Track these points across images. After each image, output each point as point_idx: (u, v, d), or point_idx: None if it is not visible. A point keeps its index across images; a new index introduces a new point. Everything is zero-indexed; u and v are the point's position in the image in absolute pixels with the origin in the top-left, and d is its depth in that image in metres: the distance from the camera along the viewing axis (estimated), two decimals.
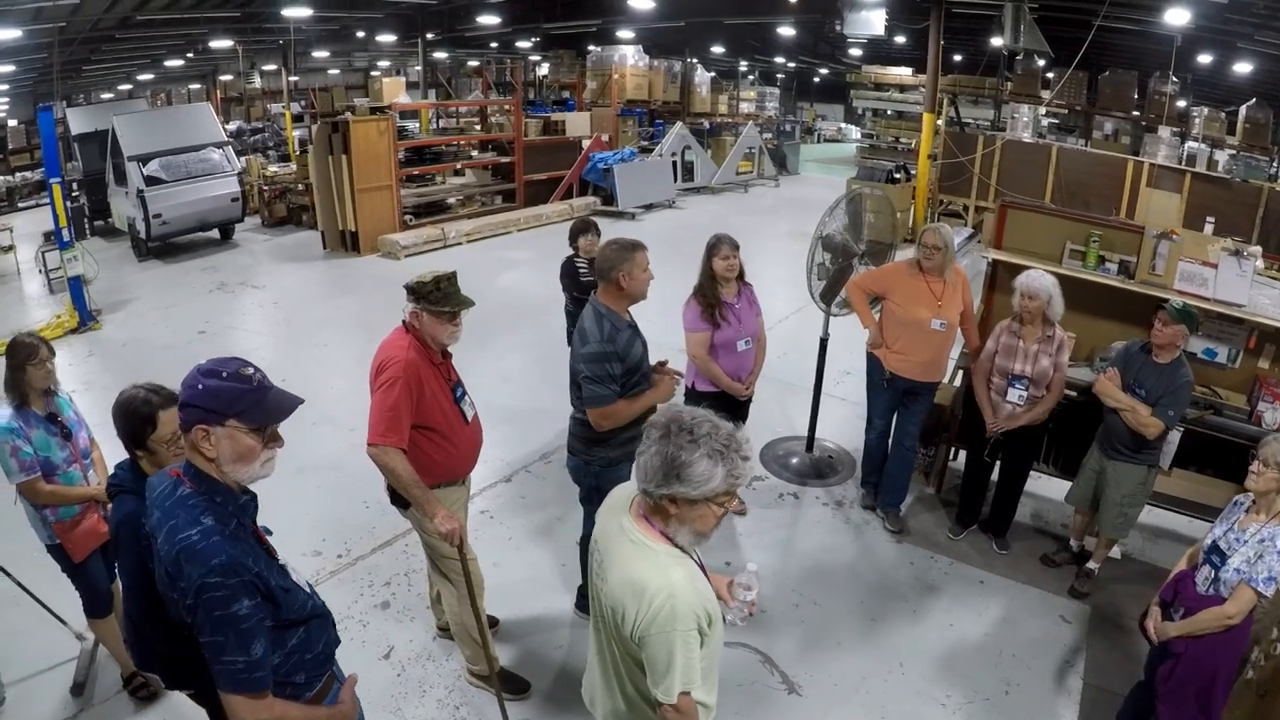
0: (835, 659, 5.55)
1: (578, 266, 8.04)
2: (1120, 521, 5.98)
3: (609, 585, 2.77)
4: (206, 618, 2.58)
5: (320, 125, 18.12)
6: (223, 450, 2.71)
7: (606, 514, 2.98)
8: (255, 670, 2.65)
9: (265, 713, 2.71)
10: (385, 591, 6.28)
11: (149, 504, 2.85)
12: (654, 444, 2.62)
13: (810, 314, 9.87)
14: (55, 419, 4.86)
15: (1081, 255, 6.88)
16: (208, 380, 2.70)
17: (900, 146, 32.35)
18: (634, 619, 2.64)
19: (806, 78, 53.20)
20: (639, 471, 2.68)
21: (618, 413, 4.82)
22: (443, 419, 4.59)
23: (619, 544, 2.80)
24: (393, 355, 4.47)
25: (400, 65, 44.77)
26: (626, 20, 27.33)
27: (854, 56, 36.81)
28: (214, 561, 2.59)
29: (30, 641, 5.72)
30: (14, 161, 33.71)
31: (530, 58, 39.83)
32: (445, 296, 4.47)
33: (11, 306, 15.06)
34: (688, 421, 2.61)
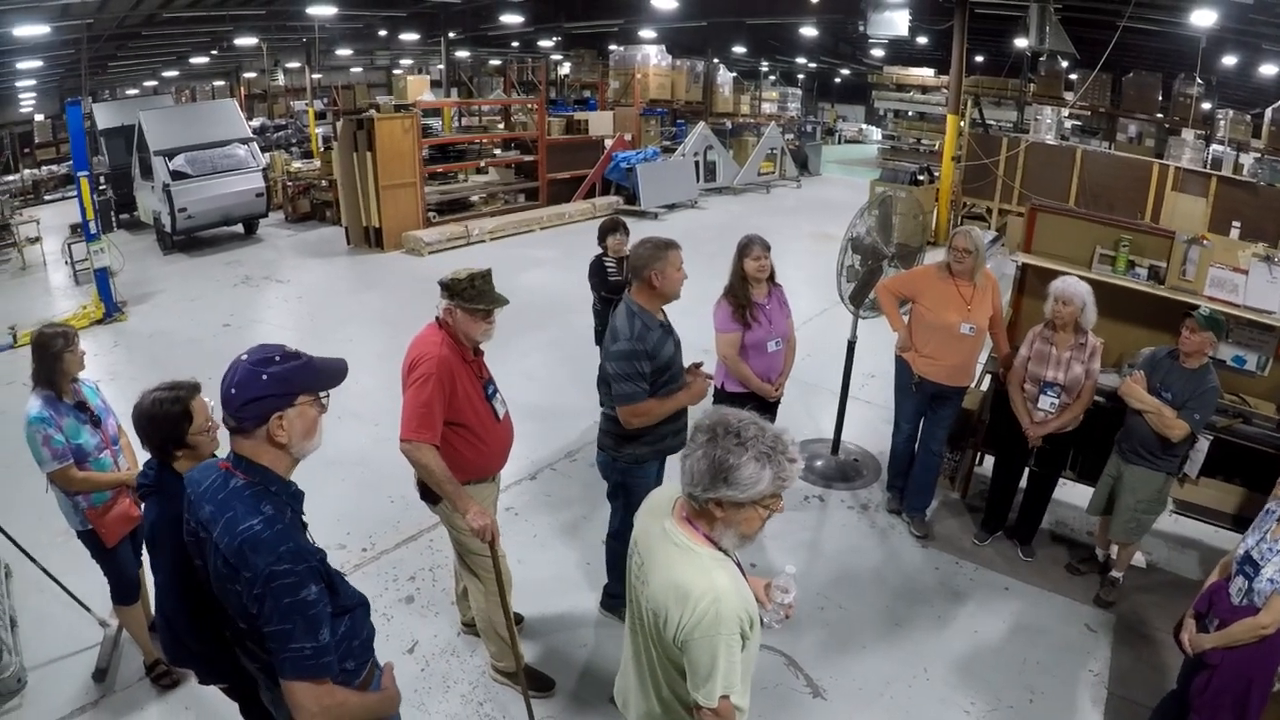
0: (860, 663, 5.54)
1: (606, 266, 8.05)
2: (1132, 527, 5.92)
3: (651, 588, 2.77)
4: (275, 606, 2.59)
5: (345, 122, 18.17)
6: (294, 429, 2.76)
7: (647, 516, 2.97)
8: (322, 656, 2.67)
9: (328, 698, 2.72)
10: (410, 586, 6.31)
11: (195, 498, 2.84)
12: (700, 447, 2.61)
13: (835, 316, 9.86)
14: (84, 407, 4.92)
15: (1111, 260, 6.81)
16: (269, 369, 2.72)
17: (922, 148, 32.28)
18: (678, 623, 2.63)
19: (828, 78, 53.08)
20: (685, 475, 2.66)
21: (647, 411, 4.82)
22: (474, 416, 4.59)
23: (662, 547, 2.78)
24: (425, 352, 4.47)
25: (422, 64, 44.89)
26: (648, 20, 27.33)
27: (876, 57, 36.70)
28: (281, 549, 2.61)
29: (53, 627, 5.78)
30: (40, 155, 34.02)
31: (552, 57, 39.85)
32: (479, 294, 4.47)
33: (38, 297, 15.21)
34: (734, 424, 2.60)
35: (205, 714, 4.94)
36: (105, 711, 5.15)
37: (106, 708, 5.17)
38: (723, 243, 6.38)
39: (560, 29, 31.51)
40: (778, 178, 26.81)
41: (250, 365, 2.73)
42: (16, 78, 30.15)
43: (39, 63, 26.50)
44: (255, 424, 2.72)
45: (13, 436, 4.93)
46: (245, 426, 2.73)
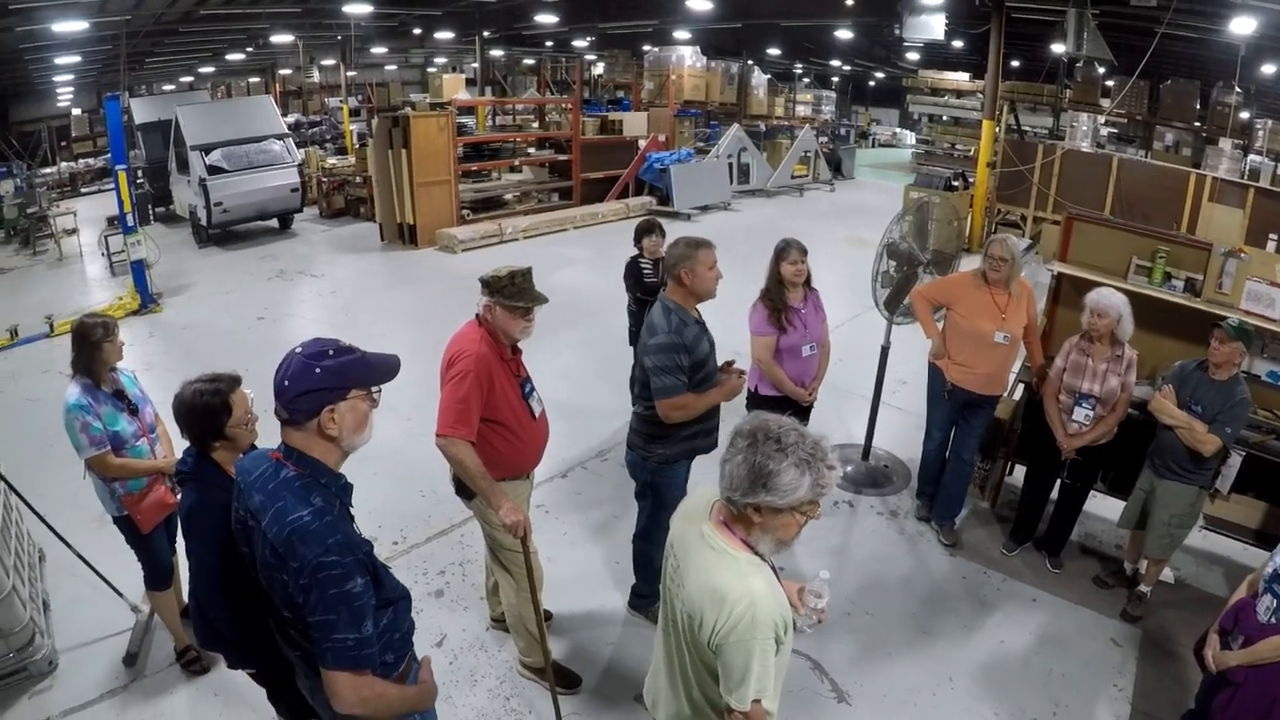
0: (885, 670, 5.54)
1: (642, 267, 8.07)
2: (1166, 542, 5.87)
3: (687, 591, 2.78)
4: (321, 597, 2.63)
5: (381, 119, 18.31)
6: (346, 423, 2.80)
7: (684, 520, 2.99)
8: (365, 648, 2.72)
9: (367, 690, 2.76)
10: (439, 580, 6.37)
11: (245, 487, 2.89)
12: (740, 452, 2.61)
13: (866, 321, 9.83)
14: (122, 395, 4.99)
15: (1147, 271, 6.77)
16: (323, 362, 2.77)
17: (956, 153, 32.09)
18: (713, 626, 2.64)
19: (862, 81, 52.81)
20: (724, 479, 2.66)
21: (686, 404, 4.84)
22: (511, 414, 4.62)
23: (699, 550, 2.79)
24: (464, 349, 4.49)
25: (457, 62, 45.01)
26: (683, 21, 27.35)
27: (911, 61, 36.61)
28: (329, 540, 2.65)
29: (86, 611, 5.87)
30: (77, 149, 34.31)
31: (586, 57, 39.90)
32: (519, 292, 4.49)
33: (74, 288, 15.40)
34: (774, 430, 2.60)
35: (233, 700, 5.00)
36: (135, 695, 5.24)
37: (136, 691, 5.26)
38: (755, 245, 6.38)
39: (594, 29, 31.57)
40: (811, 181, 26.69)
41: (304, 358, 2.77)
42: (54, 73, 30.46)
43: (77, 58, 26.73)
44: (307, 416, 2.76)
45: (49, 424, 5.01)
46: (297, 419, 2.77)
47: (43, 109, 36.42)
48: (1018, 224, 18.61)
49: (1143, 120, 25.29)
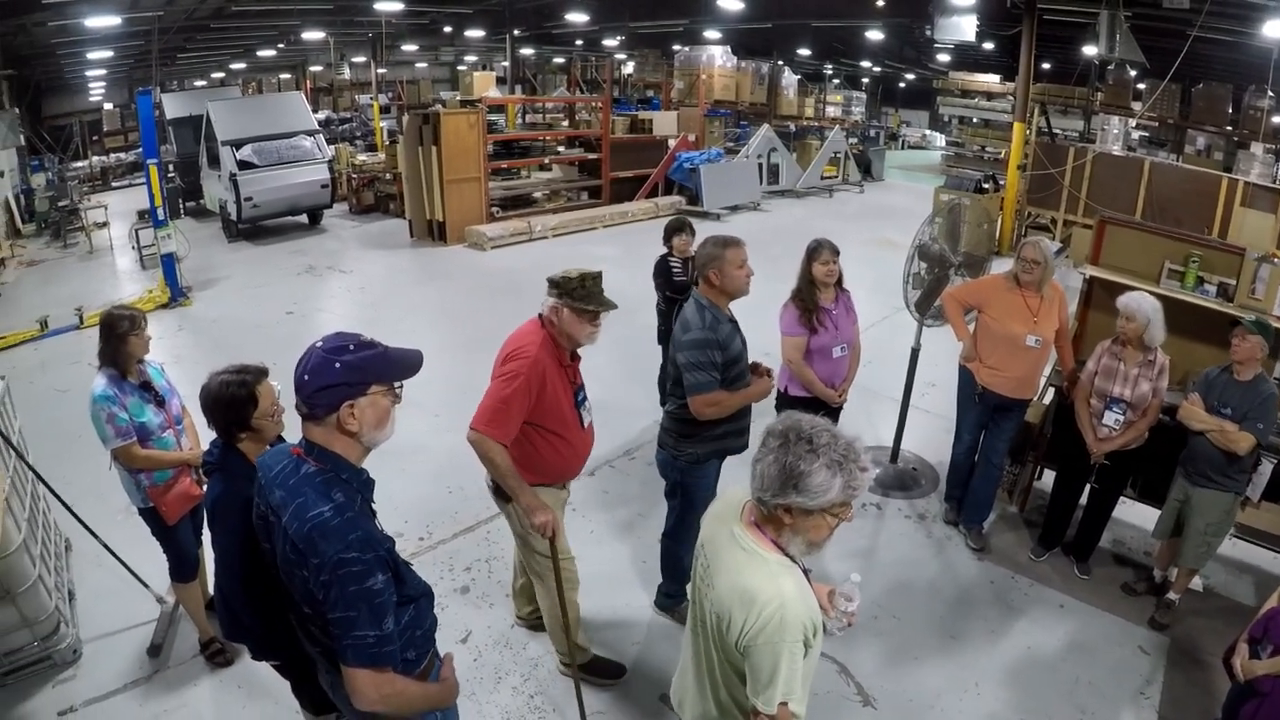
0: (911, 674, 5.50)
1: (671, 265, 8.07)
2: (1203, 551, 5.81)
3: (716, 591, 2.76)
4: (341, 593, 2.62)
5: (411, 116, 18.36)
6: (366, 419, 2.78)
7: (714, 520, 2.97)
8: (385, 645, 2.70)
9: (387, 687, 2.75)
10: (465, 576, 6.38)
11: (266, 482, 2.88)
12: (772, 452, 2.59)
13: (896, 323, 9.78)
14: (148, 387, 5.03)
15: (1180, 275, 6.73)
16: (343, 357, 2.74)
17: (986, 155, 31.96)
18: (741, 627, 2.63)
19: (892, 82, 52.64)
20: (755, 479, 2.65)
21: (719, 401, 4.82)
22: (560, 421, 4.56)
23: (729, 551, 2.78)
24: (523, 349, 4.42)
25: (487, 60, 45.12)
26: (713, 20, 27.33)
27: (941, 62, 36.46)
28: (350, 537, 2.64)
29: (111, 601, 5.92)
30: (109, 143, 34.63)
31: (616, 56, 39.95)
32: (589, 295, 4.42)
33: (105, 280, 15.56)
34: (807, 430, 2.58)
35: (256, 692, 5.02)
36: (158, 686, 5.27)
37: (160, 682, 5.30)
38: (785, 245, 6.35)
39: (625, 28, 31.58)
40: (841, 182, 26.64)
41: (324, 353, 2.75)
42: (87, 67, 30.71)
43: (109, 53, 26.97)
44: (327, 411, 2.75)
45: (77, 414, 5.04)
46: (317, 413, 2.76)
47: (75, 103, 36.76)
48: (1048, 227, 18.46)
49: (1174, 124, 25.05)
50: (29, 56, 25.27)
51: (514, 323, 4.64)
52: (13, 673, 5.20)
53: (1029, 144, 18.67)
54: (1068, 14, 18.46)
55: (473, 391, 4.60)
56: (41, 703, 5.14)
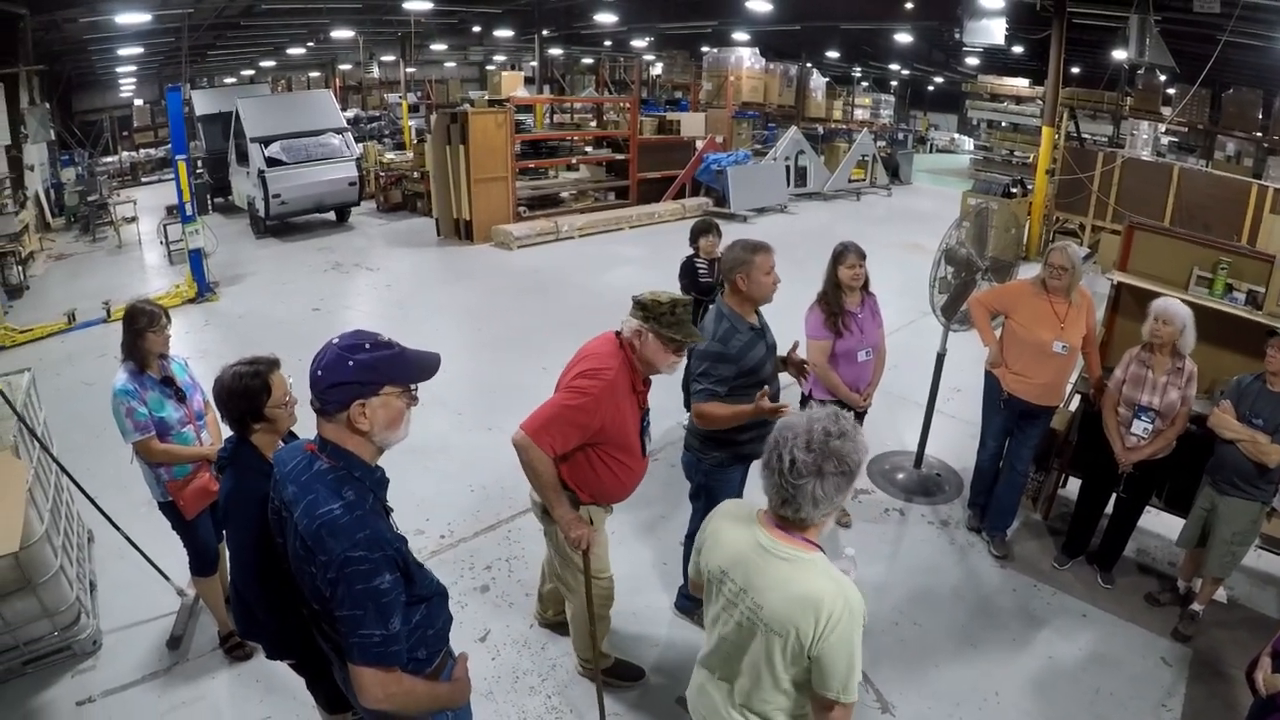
0: (931, 681, 5.46)
1: (697, 267, 8.06)
2: (1228, 560, 5.73)
3: (771, 609, 2.74)
4: (348, 591, 2.62)
5: (439, 115, 18.46)
6: (378, 419, 2.78)
7: (729, 539, 2.94)
8: (391, 644, 2.71)
9: (394, 686, 2.76)
10: (485, 575, 6.39)
11: (280, 478, 2.90)
12: (813, 477, 2.63)
13: (922, 327, 9.72)
14: (170, 382, 5.07)
15: (1209, 282, 6.65)
16: (357, 356, 2.74)
17: (1015, 160, 31.78)
18: (813, 633, 2.65)
19: (920, 86, 52.50)
20: (807, 501, 2.68)
21: (711, 414, 4.77)
22: (625, 447, 4.47)
23: (767, 565, 2.77)
24: (601, 367, 4.32)
25: (516, 60, 45.20)
26: (742, 22, 27.26)
27: (970, 66, 36.27)
28: (359, 535, 2.65)
29: (132, 593, 5.97)
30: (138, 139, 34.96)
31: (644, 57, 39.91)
32: (678, 323, 4.25)
33: (133, 274, 15.69)
34: (835, 449, 2.64)
35: (274, 686, 5.04)
36: (177, 678, 5.32)
37: (178, 674, 5.35)
38: (811, 248, 6.32)
39: (654, 29, 31.57)
40: (868, 185, 26.54)
41: (339, 350, 2.76)
42: (117, 64, 30.95)
43: (139, 50, 27.17)
44: (337, 408, 2.75)
45: (103, 407, 5.07)
46: (329, 410, 2.77)
47: (105, 99, 37.11)
48: (1076, 233, 18.31)
49: (1204, 129, 24.79)
50: (60, 52, 25.47)
51: (539, 322, 4.66)
52: (33, 662, 5.26)
53: (1057, 148, 18.54)
54: (1097, 17, 18.34)
55: (497, 391, 4.62)
56: (61, 692, 5.19)
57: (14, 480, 4.92)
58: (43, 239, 18.84)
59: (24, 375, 6.33)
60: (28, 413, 5.79)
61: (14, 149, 18.52)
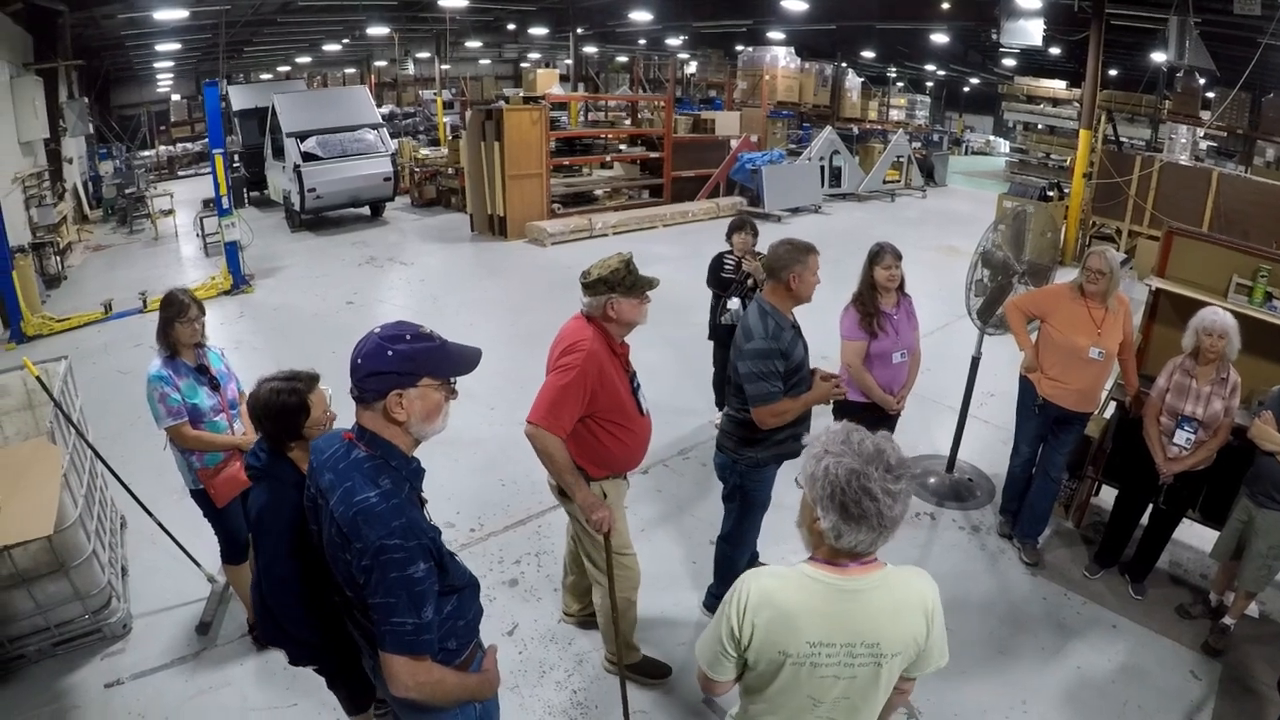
0: (957, 688, 5.39)
1: (725, 263, 8.02)
2: (1263, 574, 5.61)
3: (889, 639, 2.55)
4: (382, 579, 2.64)
5: (475, 112, 18.56)
6: (414, 410, 2.79)
7: (801, 610, 2.55)
8: (423, 633, 2.71)
9: (425, 675, 2.77)
10: (514, 569, 6.41)
11: (317, 465, 2.91)
12: (877, 508, 2.39)
13: (956, 331, 9.66)
14: (205, 370, 5.11)
15: (1248, 290, 6.55)
16: (397, 346, 2.76)
17: (1051, 163, 31.55)
18: (927, 629, 2.60)
19: (956, 87, 52.28)
20: (869, 535, 2.44)
21: (783, 411, 4.78)
22: (621, 411, 4.56)
23: (864, 604, 2.55)
24: (579, 342, 4.43)
25: (550, 58, 45.31)
26: (777, 21, 27.21)
27: (1006, 67, 36.07)
28: (394, 524, 2.66)
29: (164, 579, 6.08)
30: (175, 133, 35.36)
31: (679, 56, 39.89)
32: (636, 279, 4.46)
33: (170, 266, 15.88)
34: (877, 483, 2.41)
35: (301, 675, 5.02)
36: (204, 663, 5.39)
37: (206, 659, 5.42)
38: (845, 249, 6.29)
39: (688, 28, 31.56)
40: (903, 186, 26.38)
41: (380, 339, 2.78)
42: (155, 59, 31.29)
43: (177, 45, 27.41)
44: (375, 397, 2.77)
45: (138, 396, 5.14)
46: (366, 398, 2.79)
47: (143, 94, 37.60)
48: (1113, 238, 18.13)
49: (1243, 134, 24.57)
50: (99, 48, 25.74)
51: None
52: (64, 644, 5.36)
53: (1095, 152, 18.40)
54: (1136, 19, 18.20)
55: (529, 385, 4.61)
56: (90, 673, 5.28)
57: (49, 466, 5.00)
58: (81, 230, 19.11)
59: (61, 363, 6.40)
60: (64, 399, 5.88)
61: (53, 142, 18.76)
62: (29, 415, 6.33)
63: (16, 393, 6.30)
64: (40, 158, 17.67)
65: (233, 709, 5.06)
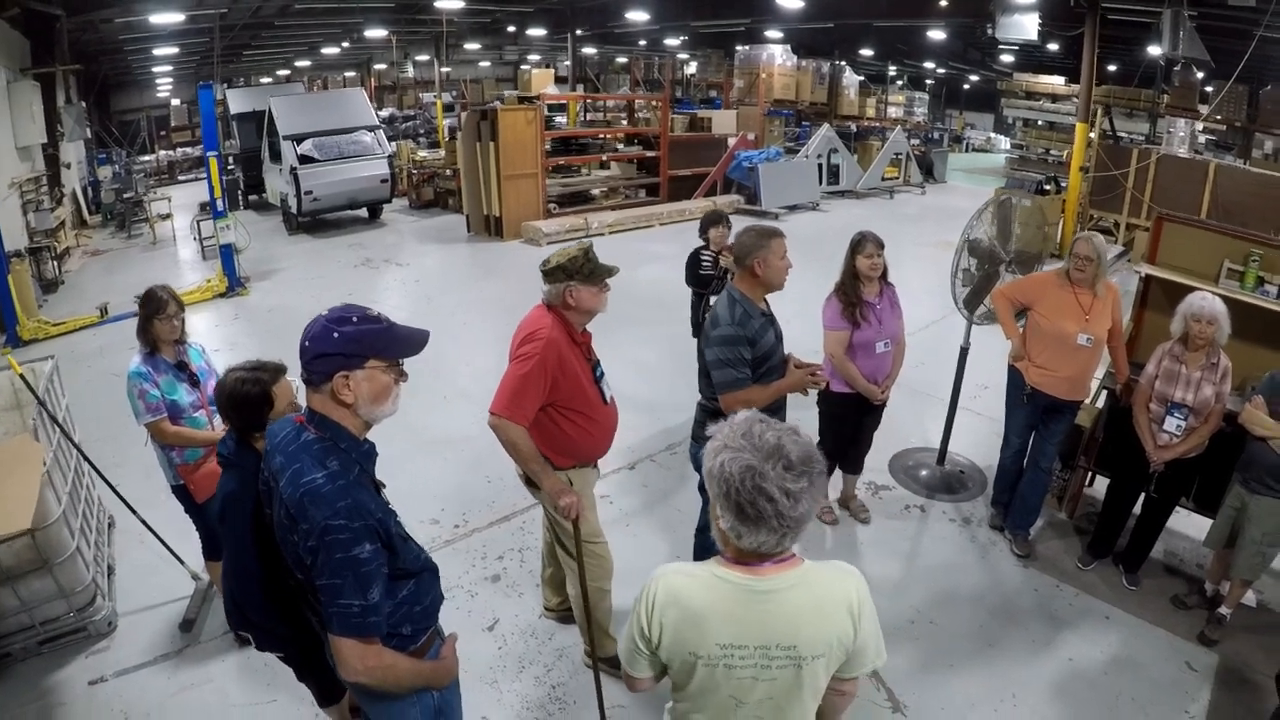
0: (945, 681, 5.36)
1: (702, 259, 8.01)
2: (1257, 562, 5.56)
3: (808, 640, 2.42)
4: (327, 559, 2.63)
5: (470, 112, 18.64)
6: (362, 392, 2.79)
7: (709, 612, 2.45)
8: (370, 615, 2.70)
9: (374, 659, 2.76)
10: (497, 565, 6.41)
11: (270, 449, 2.90)
12: (806, 493, 2.27)
13: (950, 325, 9.63)
14: (184, 367, 5.15)
15: (1240, 275, 6.53)
16: (342, 328, 2.77)
17: (1050, 159, 31.49)
18: (853, 628, 2.46)
19: (956, 84, 52.24)
20: (790, 529, 2.30)
21: (749, 398, 4.66)
22: (584, 399, 4.56)
23: (778, 604, 2.41)
24: (538, 331, 4.44)
25: (550, 59, 45.34)
26: (775, 20, 27.13)
27: (1005, 63, 36.02)
28: (339, 504, 2.64)
29: (150, 577, 6.11)
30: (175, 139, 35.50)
31: (678, 56, 39.90)
32: (595, 267, 4.46)
33: (166, 269, 15.97)
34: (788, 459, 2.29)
35: (282, 671, 5.00)
36: (187, 660, 5.42)
37: (189, 657, 5.44)
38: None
39: (687, 27, 31.52)
40: (902, 183, 26.40)
41: (326, 322, 2.79)
42: (154, 64, 31.36)
43: (175, 50, 27.46)
44: (322, 380, 2.77)
45: None
46: (314, 380, 2.79)
47: (143, 99, 37.75)
48: (1110, 231, 18.12)
49: (1241, 127, 24.47)
50: (97, 52, 25.78)
51: None
52: (49, 641, 5.39)
53: (1092, 146, 18.37)
54: (1131, 13, 18.15)
55: None
56: (74, 671, 5.31)
57: (31, 462, 5.00)
58: (79, 235, 19.18)
59: (47, 362, 6.44)
60: (49, 398, 5.91)
61: (50, 147, 18.79)
62: (17, 415, 6.36)
63: (5, 393, 6.34)
64: (38, 163, 17.71)
65: (214, 706, 5.06)
